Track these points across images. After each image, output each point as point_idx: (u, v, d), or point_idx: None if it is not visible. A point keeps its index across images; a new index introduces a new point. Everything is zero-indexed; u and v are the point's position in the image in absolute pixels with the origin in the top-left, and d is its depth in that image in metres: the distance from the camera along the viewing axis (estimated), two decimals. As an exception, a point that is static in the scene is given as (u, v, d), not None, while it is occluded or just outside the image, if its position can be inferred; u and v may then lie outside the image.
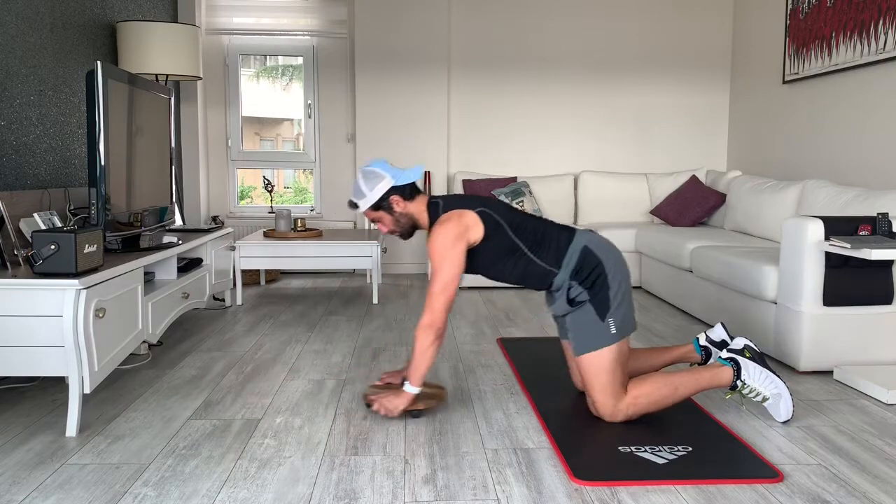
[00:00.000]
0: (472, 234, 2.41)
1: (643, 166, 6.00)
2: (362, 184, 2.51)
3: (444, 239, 2.38)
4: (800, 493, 1.96)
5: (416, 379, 2.42)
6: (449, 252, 2.37)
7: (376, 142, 5.76)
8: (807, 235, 2.99)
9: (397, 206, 2.52)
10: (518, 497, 1.94)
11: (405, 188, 2.52)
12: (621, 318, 2.41)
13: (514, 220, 2.48)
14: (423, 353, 2.39)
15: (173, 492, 1.95)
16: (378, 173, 2.51)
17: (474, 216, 2.43)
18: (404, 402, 2.44)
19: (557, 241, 2.46)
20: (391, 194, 2.50)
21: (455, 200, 2.51)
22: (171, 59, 4.34)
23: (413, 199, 2.54)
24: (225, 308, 4.42)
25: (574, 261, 2.42)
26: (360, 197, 2.52)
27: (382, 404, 2.45)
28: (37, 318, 2.29)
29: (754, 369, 2.45)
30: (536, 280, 2.48)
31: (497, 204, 2.51)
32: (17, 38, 3.20)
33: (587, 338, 2.40)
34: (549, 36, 5.83)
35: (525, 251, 2.45)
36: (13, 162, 3.14)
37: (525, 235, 2.46)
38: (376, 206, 2.52)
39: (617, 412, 2.40)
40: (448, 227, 2.39)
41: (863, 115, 4.25)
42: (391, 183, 2.50)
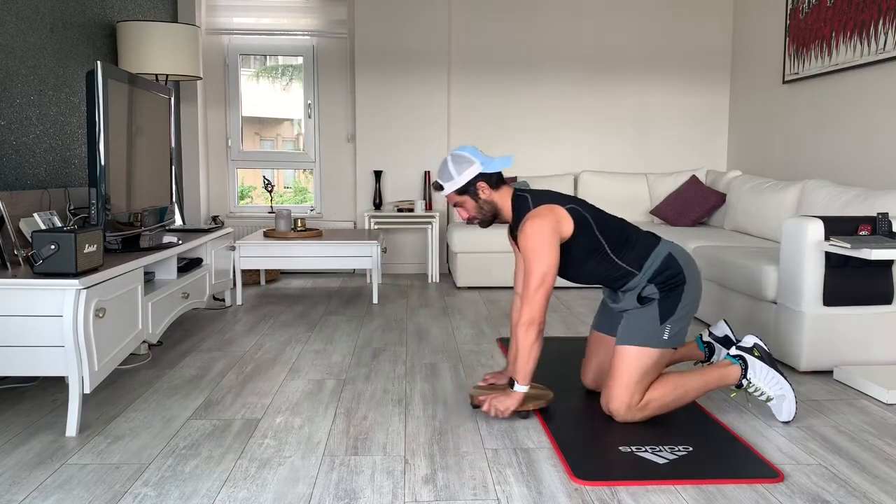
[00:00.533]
0: (563, 229, 2.39)
1: (643, 166, 6.00)
2: (451, 166, 2.48)
3: (540, 232, 2.34)
4: (800, 493, 1.96)
5: (524, 377, 2.40)
6: (545, 246, 2.34)
7: (376, 142, 5.76)
8: (807, 235, 2.99)
9: (483, 193, 2.49)
10: (518, 497, 1.94)
11: (493, 176, 2.49)
12: (678, 330, 2.41)
13: (602, 218, 2.47)
14: (528, 352, 2.37)
15: (173, 492, 1.95)
16: (468, 157, 2.48)
17: (564, 212, 2.41)
18: (515, 402, 2.41)
19: (642, 243, 2.45)
20: (479, 180, 2.48)
21: (543, 195, 2.48)
22: (171, 59, 4.34)
23: (499, 188, 2.52)
24: (225, 308, 4.42)
25: (656, 265, 2.42)
26: (447, 179, 2.49)
27: (493, 405, 2.42)
28: (37, 318, 2.29)
29: (761, 369, 2.45)
30: (613, 280, 2.47)
31: (584, 202, 2.50)
32: (17, 38, 3.20)
33: (639, 332, 2.39)
34: (549, 36, 5.83)
35: (607, 251, 2.43)
36: (13, 162, 3.14)
37: (609, 235, 2.44)
38: (462, 190, 2.49)
39: (629, 413, 2.40)
40: (542, 221, 2.36)
41: (863, 115, 4.25)
42: (480, 169, 2.47)
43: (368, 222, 5.50)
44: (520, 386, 2.41)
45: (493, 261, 5.13)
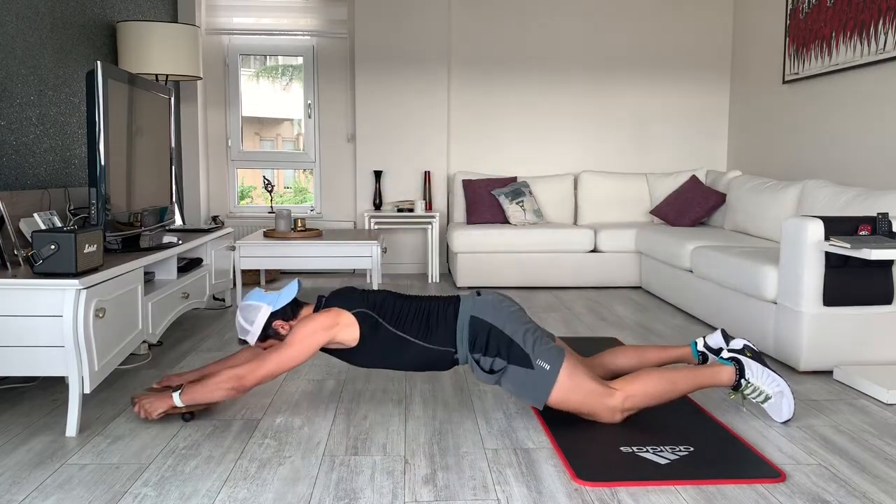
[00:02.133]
0: (342, 333, 2.40)
1: (643, 166, 6.00)
2: (242, 321, 2.51)
3: (312, 325, 2.37)
4: (800, 493, 1.96)
5: (189, 401, 2.38)
6: (308, 339, 2.36)
7: (376, 142, 5.76)
8: (807, 235, 2.99)
9: (283, 330, 2.51)
10: (518, 497, 1.94)
11: (285, 309, 2.52)
12: (545, 351, 2.37)
13: (397, 313, 2.47)
14: (212, 391, 2.35)
15: (173, 492, 1.95)
16: (253, 305, 2.51)
17: (350, 317, 2.42)
18: (163, 406, 2.40)
19: (445, 319, 2.45)
20: (273, 320, 2.50)
21: (340, 298, 2.50)
22: (171, 59, 4.34)
23: (297, 315, 2.54)
24: (225, 308, 4.42)
25: (466, 334, 2.42)
26: (245, 334, 2.52)
27: (142, 405, 2.41)
28: (37, 318, 2.29)
29: (757, 368, 2.45)
30: (439, 363, 2.48)
31: (380, 300, 2.50)
32: (17, 38, 3.20)
33: (535, 390, 2.36)
34: (549, 36, 5.83)
35: (415, 341, 2.44)
36: (13, 162, 3.14)
37: (411, 326, 2.44)
38: (263, 336, 2.52)
39: (614, 411, 2.38)
40: (320, 318, 2.39)
41: (863, 114, 4.25)
42: (269, 310, 2.50)
43: (368, 222, 5.50)
44: (179, 399, 2.39)
45: (493, 261, 5.13)
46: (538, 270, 5.15)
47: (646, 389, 2.38)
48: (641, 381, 2.39)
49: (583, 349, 3.41)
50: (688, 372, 2.43)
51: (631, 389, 2.37)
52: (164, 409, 2.40)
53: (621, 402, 2.37)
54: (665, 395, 2.40)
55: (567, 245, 5.13)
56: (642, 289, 5.17)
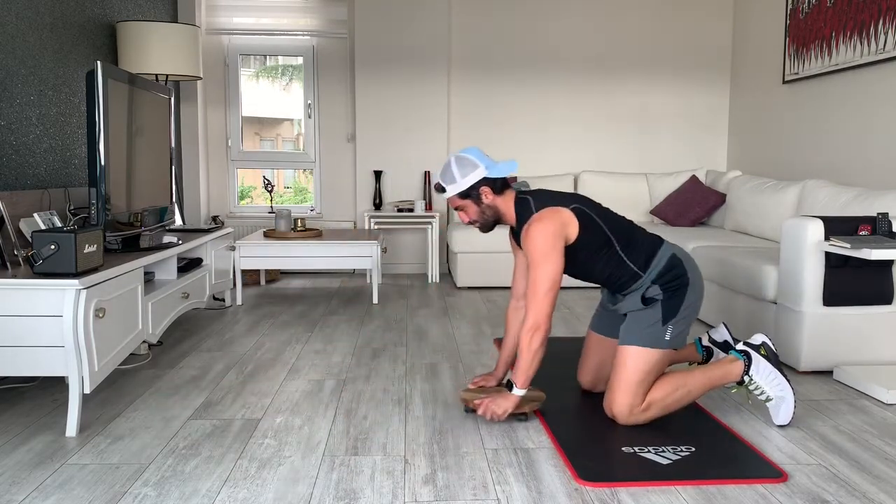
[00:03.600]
0: (569, 231, 2.37)
1: (643, 166, 6.00)
2: (455, 169, 2.44)
3: (545, 237, 2.32)
4: (800, 493, 1.96)
5: (523, 381, 2.37)
6: (550, 251, 2.32)
7: (376, 142, 5.76)
8: (807, 235, 2.99)
9: (486, 198, 2.46)
10: (518, 497, 1.94)
11: (496, 181, 2.46)
12: (679, 331, 2.40)
13: (608, 217, 2.46)
14: (532, 357, 2.34)
15: (173, 492, 1.95)
16: (472, 161, 2.44)
17: (569, 213, 2.38)
18: (511, 404, 2.39)
19: (648, 243, 2.44)
20: (482, 185, 2.44)
21: (546, 197, 2.46)
22: (171, 59, 4.34)
23: (502, 193, 2.49)
24: (225, 308, 4.42)
25: (662, 265, 2.41)
26: (450, 181, 2.46)
27: (489, 407, 2.39)
28: (37, 318, 2.29)
29: (765, 367, 2.44)
30: (620, 282, 2.45)
31: (588, 200, 2.48)
32: (17, 38, 3.20)
33: (642, 332, 2.38)
34: (549, 36, 5.83)
35: (617, 249, 2.42)
36: (13, 162, 3.14)
37: (617, 233, 2.43)
38: (465, 193, 2.46)
39: (631, 416, 2.38)
40: (546, 224, 2.33)
41: (863, 115, 4.25)
42: (484, 173, 2.43)
43: (368, 222, 5.50)
44: (518, 389, 2.38)
45: (494, 261, 5.13)
46: (538, 270, 5.14)
47: (664, 402, 2.40)
48: (659, 392, 2.40)
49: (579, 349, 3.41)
50: (701, 375, 2.43)
51: (649, 400, 2.39)
52: (512, 406, 2.39)
53: (642, 411, 2.39)
54: (680, 403, 2.43)
55: (567, 245, 5.12)
56: (642, 289, 5.17)
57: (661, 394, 2.39)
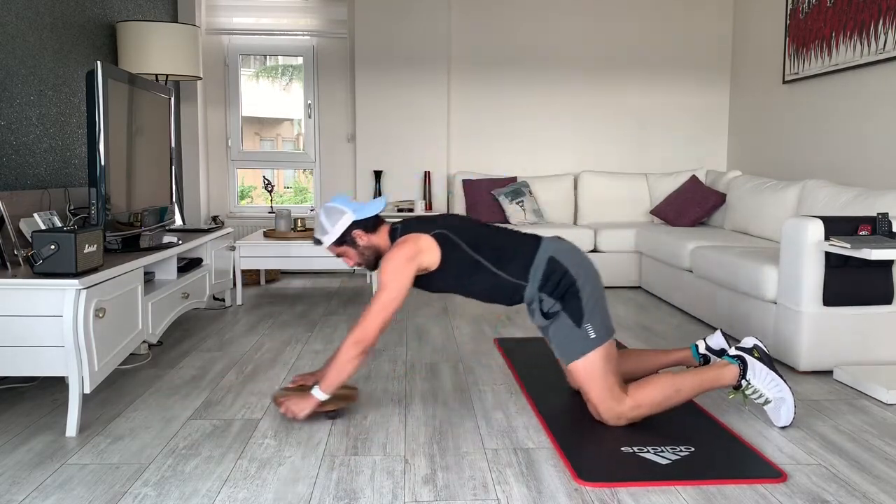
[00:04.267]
0: (425, 257, 2.42)
1: (643, 166, 6.00)
2: (324, 220, 2.53)
3: (397, 260, 2.39)
4: (800, 493, 1.96)
5: (328, 387, 2.40)
6: (399, 273, 2.38)
7: (376, 142, 5.76)
8: (807, 235, 2.99)
9: (360, 240, 2.54)
10: (518, 497, 1.94)
11: (367, 221, 2.54)
12: (599, 323, 2.40)
13: (475, 237, 2.48)
14: (343, 366, 2.37)
15: (173, 492, 1.95)
16: (339, 209, 2.53)
17: (430, 240, 2.44)
18: (310, 406, 2.42)
19: (522, 253, 2.46)
20: (353, 229, 2.53)
21: (413, 224, 2.52)
22: (171, 59, 4.34)
23: (376, 230, 2.56)
24: (225, 308, 4.42)
25: (541, 272, 2.43)
26: (322, 234, 2.54)
27: (288, 407, 2.43)
28: (37, 318, 2.29)
29: (761, 370, 2.43)
30: (506, 295, 2.49)
31: (457, 223, 2.51)
32: (17, 38, 3.20)
33: (570, 346, 2.40)
34: (549, 36, 5.83)
35: (489, 267, 2.45)
36: (13, 162, 3.14)
37: (487, 251, 2.46)
38: (339, 241, 2.54)
39: (620, 416, 2.38)
40: (402, 248, 2.41)
41: (863, 115, 4.25)
42: (353, 217, 2.52)
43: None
44: (319, 392, 2.41)
45: (493, 261, 5.12)
46: (538, 270, 5.14)
47: (653, 400, 2.39)
48: (649, 390, 2.39)
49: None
50: (693, 377, 2.43)
51: (639, 398, 2.39)
52: (311, 408, 2.41)
53: (629, 410, 2.38)
54: (670, 402, 2.42)
55: (567, 245, 5.12)
56: (642, 289, 5.17)
57: (652, 391, 2.39)
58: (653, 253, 4.77)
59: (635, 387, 2.41)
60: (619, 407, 2.38)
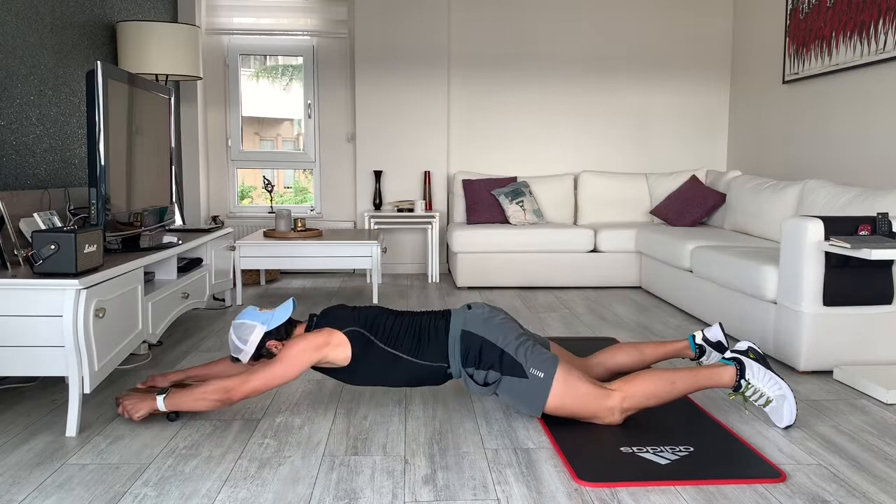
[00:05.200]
0: (333, 352, 2.41)
1: (643, 166, 6.00)
2: (235, 339, 2.52)
3: (304, 344, 2.38)
4: (800, 493, 1.96)
5: (173, 405, 2.39)
6: (300, 356, 2.37)
7: (376, 142, 5.76)
8: (807, 235, 2.99)
9: (276, 350, 2.51)
10: (518, 497, 1.94)
11: (279, 329, 2.53)
12: (536, 358, 2.37)
13: (389, 330, 2.47)
14: (198, 400, 2.36)
15: (173, 492, 1.95)
16: (248, 324, 2.52)
17: (342, 337, 2.43)
18: (146, 409, 2.40)
19: (436, 335, 2.46)
20: (267, 340, 2.51)
21: (331, 317, 2.50)
22: (171, 59, 4.34)
23: (290, 334, 2.55)
24: (225, 308, 4.42)
25: (458, 349, 2.43)
26: (237, 352, 2.53)
27: (125, 407, 2.41)
28: (37, 318, 2.29)
29: (758, 370, 2.43)
30: (432, 378, 2.49)
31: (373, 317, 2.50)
32: (17, 38, 3.20)
33: (530, 399, 2.38)
34: (549, 36, 5.83)
35: (407, 358, 2.45)
36: (13, 162, 3.14)
37: (402, 342, 2.45)
38: (256, 355, 2.53)
39: (612, 412, 2.37)
40: (313, 337, 2.41)
41: (863, 115, 4.25)
42: (263, 330, 2.51)
43: (368, 222, 5.50)
44: (161, 403, 2.39)
45: (493, 261, 5.13)
46: (538, 270, 5.15)
47: (645, 389, 2.37)
48: (640, 381, 2.38)
49: (580, 349, 3.41)
50: (688, 372, 2.42)
51: (630, 390, 2.36)
52: (147, 412, 2.40)
53: (619, 402, 2.36)
54: (664, 394, 2.39)
55: (567, 245, 5.13)
56: (642, 289, 5.17)
57: (643, 383, 2.37)
58: (653, 253, 4.77)
59: (625, 379, 2.39)
60: (608, 401, 2.35)
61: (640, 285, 5.19)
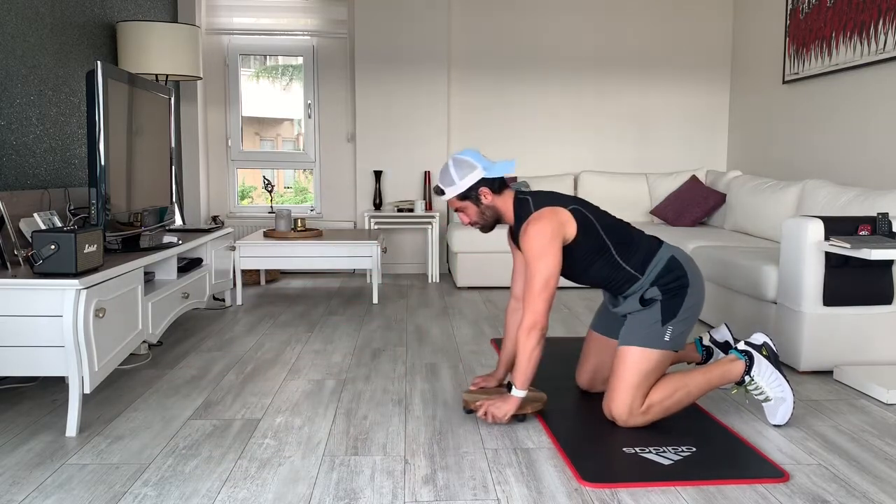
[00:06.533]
0: (567, 230, 2.37)
1: (643, 166, 6.00)
2: (453, 171, 2.45)
3: (542, 236, 2.32)
4: (800, 493, 1.96)
5: (523, 382, 2.35)
6: (547, 249, 2.31)
7: (376, 142, 5.76)
8: (807, 235, 2.99)
9: (485, 199, 2.47)
10: (518, 497, 1.94)
11: (495, 181, 2.47)
12: (679, 332, 2.39)
13: (605, 220, 2.45)
14: (530, 356, 2.33)
15: (173, 492, 1.95)
16: (470, 162, 2.45)
17: (567, 213, 2.38)
18: (512, 406, 2.37)
19: (645, 247, 2.44)
20: (481, 185, 2.45)
21: (545, 197, 2.46)
22: (171, 59, 4.34)
23: (501, 193, 2.49)
24: (225, 308, 4.42)
25: (659, 268, 2.40)
26: (448, 184, 2.46)
27: (490, 411, 2.38)
28: (37, 318, 2.29)
29: (766, 368, 2.43)
30: (617, 284, 2.45)
31: (586, 202, 2.48)
32: (17, 38, 3.19)
33: (641, 332, 2.37)
34: (549, 35, 5.83)
35: (612, 252, 2.41)
36: (13, 162, 3.14)
37: (613, 236, 2.42)
38: (464, 195, 2.47)
39: (631, 417, 2.37)
40: (544, 224, 2.34)
41: (863, 115, 4.25)
42: (482, 174, 2.44)
43: (368, 222, 5.50)
44: (518, 391, 2.37)
45: (493, 261, 5.13)
46: (538, 270, 5.14)
47: (662, 403, 2.38)
48: (658, 394, 2.38)
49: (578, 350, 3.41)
50: (701, 376, 2.42)
51: (648, 402, 2.37)
52: (514, 409, 2.38)
53: (641, 414, 2.37)
54: (680, 404, 2.41)
55: (567, 245, 5.12)
56: (642, 289, 5.17)
57: (661, 396, 2.37)
58: (653, 253, 4.76)
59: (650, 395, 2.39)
60: (635, 409, 2.36)
61: (640, 285, 5.18)
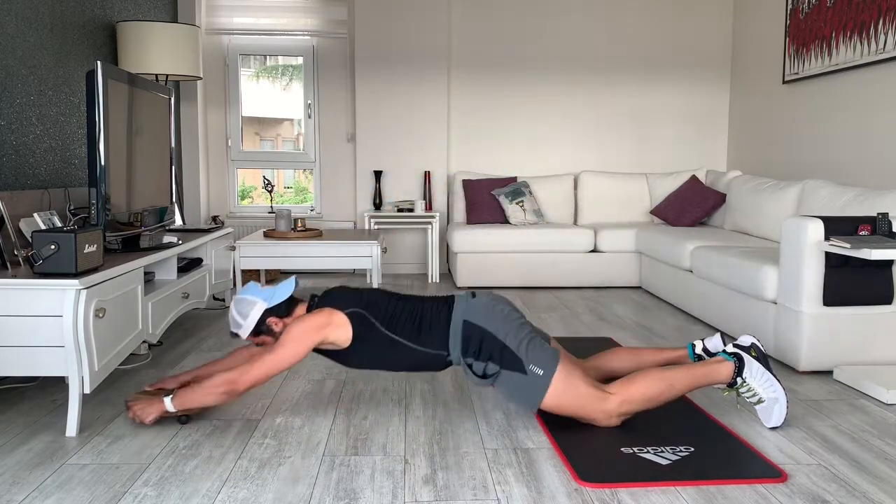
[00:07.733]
0: (334, 333, 2.40)
1: (643, 166, 6.00)
2: (236, 314, 2.51)
3: (304, 325, 2.37)
4: (800, 494, 1.96)
5: (181, 403, 2.36)
6: (301, 339, 2.35)
7: (376, 142, 5.76)
8: (807, 235, 2.99)
9: (276, 327, 2.51)
10: (518, 497, 1.94)
11: (280, 307, 2.52)
12: (539, 355, 2.36)
13: (390, 314, 2.46)
14: (206, 395, 2.34)
15: (173, 492, 1.95)
16: (249, 300, 2.51)
17: (343, 317, 2.42)
18: (156, 412, 2.39)
19: (438, 322, 2.45)
20: (267, 317, 2.50)
21: (333, 297, 2.49)
22: (171, 59, 4.34)
23: (291, 313, 2.54)
24: (225, 308, 4.42)
25: (459, 339, 2.42)
26: (237, 327, 2.52)
27: (135, 412, 2.40)
28: (37, 318, 2.29)
29: (757, 369, 2.42)
30: (432, 365, 2.48)
31: (376, 300, 2.49)
32: (17, 38, 3.20)
33: (527, 394, 2.36)
34: (549, 36, 5.83)
35: (407, 343, 2.44)
36: (13, 162, 3.14)
37: (403, 328, 2.44)
38: (255, 331, 2.52)
39: (610, 416, 2.36)
40: (314, 317, 2.39)
41: (863, 115, 4.25)
42: (264, 306, 2.50)
43: (368, 222, 5.50)
44: (170, 404, 2.37)
45: (493, 261, 5.13)
46: (538, 270, 5.15)
47: (643, 393, 2.35)
48: (638, 384, 2.36)
49: (577, 350, 3.41)
50: (685, 371, 2.40)
51: (627, 394, 2.35)
52: (157, 415, 2.39)
53: (617, 406, 2.35)
54: (662, 397, 2.37)
55: (567, 245, 5.13)
56: (642, 289, 5.17)
57: (642, 385, 2.35)
58: (653, 253, 4.77)
59: (623, 382, 2.37)
60: (606, 405, 2.34)
61: (640, 285, 5.19)
